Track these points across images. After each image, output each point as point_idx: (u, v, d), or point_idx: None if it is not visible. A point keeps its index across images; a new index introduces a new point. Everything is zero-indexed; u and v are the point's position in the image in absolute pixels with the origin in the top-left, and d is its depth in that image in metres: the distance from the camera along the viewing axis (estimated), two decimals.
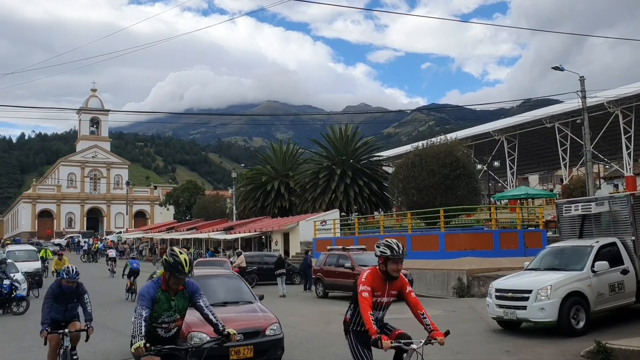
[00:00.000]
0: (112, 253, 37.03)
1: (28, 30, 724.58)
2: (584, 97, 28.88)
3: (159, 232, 59.44)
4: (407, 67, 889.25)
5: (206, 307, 5.37)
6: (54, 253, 35.15)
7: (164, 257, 5.27)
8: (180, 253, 5.18)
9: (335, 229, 33.26)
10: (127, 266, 22.43)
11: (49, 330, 7.72)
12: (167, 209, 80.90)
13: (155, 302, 5.15)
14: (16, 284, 17.63)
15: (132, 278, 21.91)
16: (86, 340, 8.01)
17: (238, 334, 5.39)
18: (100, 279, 31.30)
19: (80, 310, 8.21)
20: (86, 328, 7.89)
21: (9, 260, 20.76)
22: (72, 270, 7.99)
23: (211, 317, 5.36)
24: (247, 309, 9.03)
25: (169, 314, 5.27)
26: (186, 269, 5.09)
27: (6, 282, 17.42)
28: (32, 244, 46.54)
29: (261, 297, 9.90)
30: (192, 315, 5.97)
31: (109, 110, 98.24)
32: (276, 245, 37.90)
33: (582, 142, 29.65)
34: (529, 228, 26.94)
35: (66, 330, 7.89)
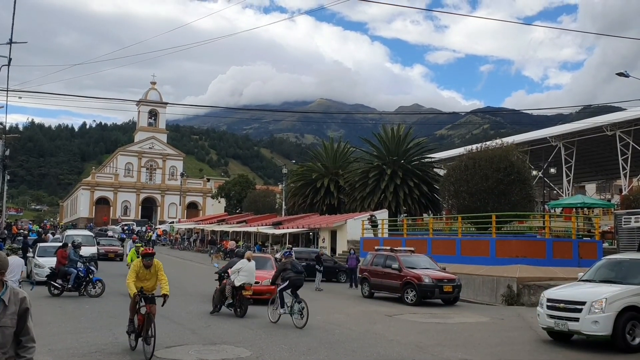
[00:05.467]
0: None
1: (96, 22, 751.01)
2: None
3: (210, 223, 60.58)
4: (466, 69, 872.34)
5: None
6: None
7: None
8: None
9: (383, 229, 33.12)
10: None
11: None
12: (219, 202, 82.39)
13: None
14: (92, 268, 18.22)
15: None
16: None
17: None
18: None
19: None
20: None
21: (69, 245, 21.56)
22: None
23: None
24: None
25: None
26: None
27: (80, 265, 18.15)
28: (102, 230, 47.55)
29: None
30: None
31: (166, 103, 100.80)
32: (323, 242, 38.04)
33: None
34: (584, 238, 26.12)
35: None
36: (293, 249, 27.67)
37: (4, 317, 3.87)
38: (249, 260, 15.01)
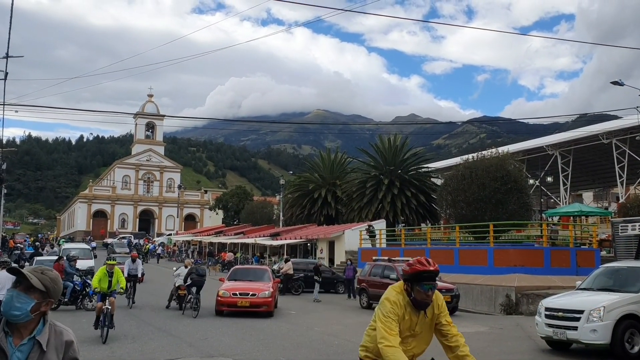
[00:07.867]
0: None
1: (94, 36, 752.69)
2: None
3: (207, 235, 60.46)
4: (462, 79, 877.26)
5: None
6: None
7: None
8: None
9: (381, 239, 33.10)
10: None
11: None
12: (216, 213, 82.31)
13: None
14: (89, 281, 18.15)
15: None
16: None
17: None
18: (149, 280, 32.04)
19: None
20: None
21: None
22: None
23: None
24: None
25: None
26: None
27: (76, 279, 18.06)
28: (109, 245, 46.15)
29: None
30: None
31: (164, 116, 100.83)
32: (321, 253, 37.97)
33: None
34: (582, 246, 26.12)
35: None
36: (291, 260, 27.96)
37: None
38: (186, 267, 19.13)
